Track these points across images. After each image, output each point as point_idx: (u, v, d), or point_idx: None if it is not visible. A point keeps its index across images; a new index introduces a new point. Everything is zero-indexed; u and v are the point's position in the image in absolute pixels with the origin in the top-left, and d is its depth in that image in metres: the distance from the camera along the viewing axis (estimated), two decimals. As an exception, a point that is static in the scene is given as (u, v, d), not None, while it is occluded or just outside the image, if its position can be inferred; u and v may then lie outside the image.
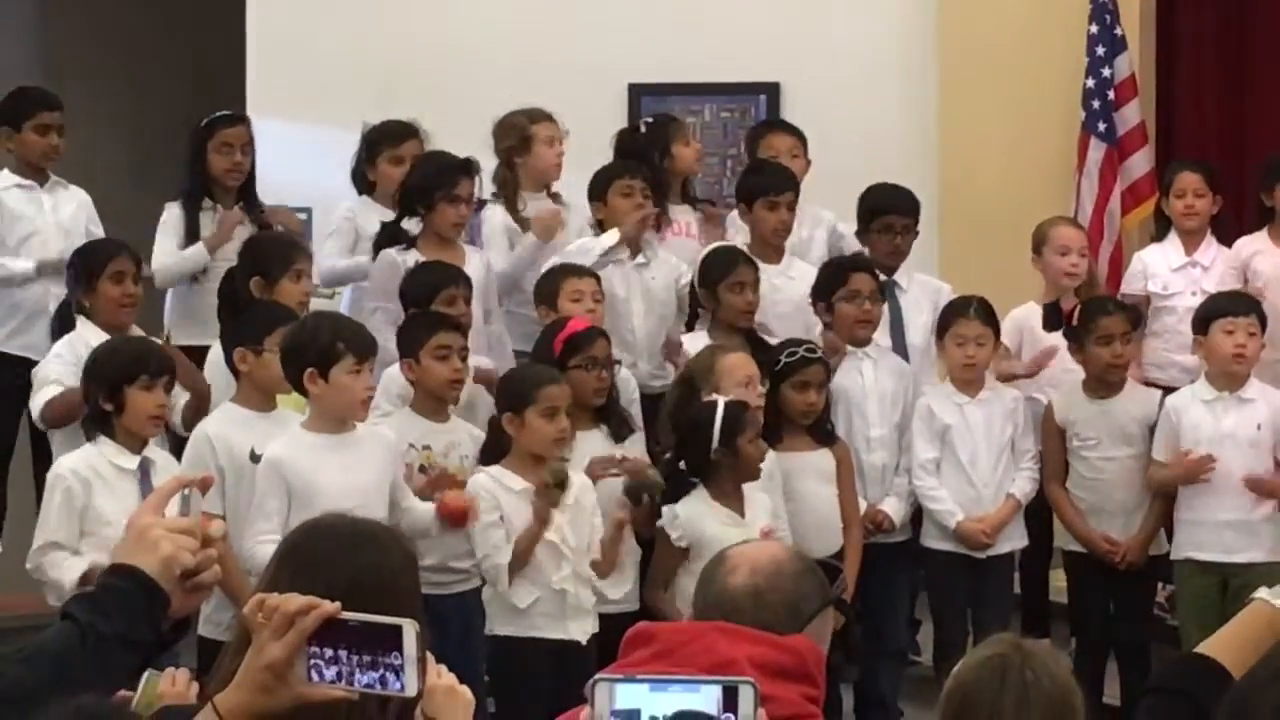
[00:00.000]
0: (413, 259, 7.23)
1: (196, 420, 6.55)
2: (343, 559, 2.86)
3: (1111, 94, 9.06)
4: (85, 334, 6.91)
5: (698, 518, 6.59)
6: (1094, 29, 9.05)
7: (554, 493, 6.27)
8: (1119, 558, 7.30)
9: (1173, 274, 8.18)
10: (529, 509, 6.31)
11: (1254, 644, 2.78)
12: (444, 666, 3.07)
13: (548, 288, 7.27)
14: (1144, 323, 8.00)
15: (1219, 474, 7.16)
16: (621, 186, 7.67)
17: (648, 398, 7.30)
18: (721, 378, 6.77)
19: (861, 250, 7.85)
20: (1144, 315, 8.04)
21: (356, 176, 8.04)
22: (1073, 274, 7.92)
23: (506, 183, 7.98)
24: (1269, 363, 7.43)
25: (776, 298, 7.62)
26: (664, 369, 7.58)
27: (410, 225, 7.43)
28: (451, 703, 3.03)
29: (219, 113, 8.03)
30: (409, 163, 7.76)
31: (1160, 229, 8.39)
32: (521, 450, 6.41)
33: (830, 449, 7.13)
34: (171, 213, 7.87)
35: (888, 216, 7.84)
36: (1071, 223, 8.42)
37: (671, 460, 6.76)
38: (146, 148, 9.61)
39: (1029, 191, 9.04)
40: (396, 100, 8.79)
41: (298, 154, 9.23)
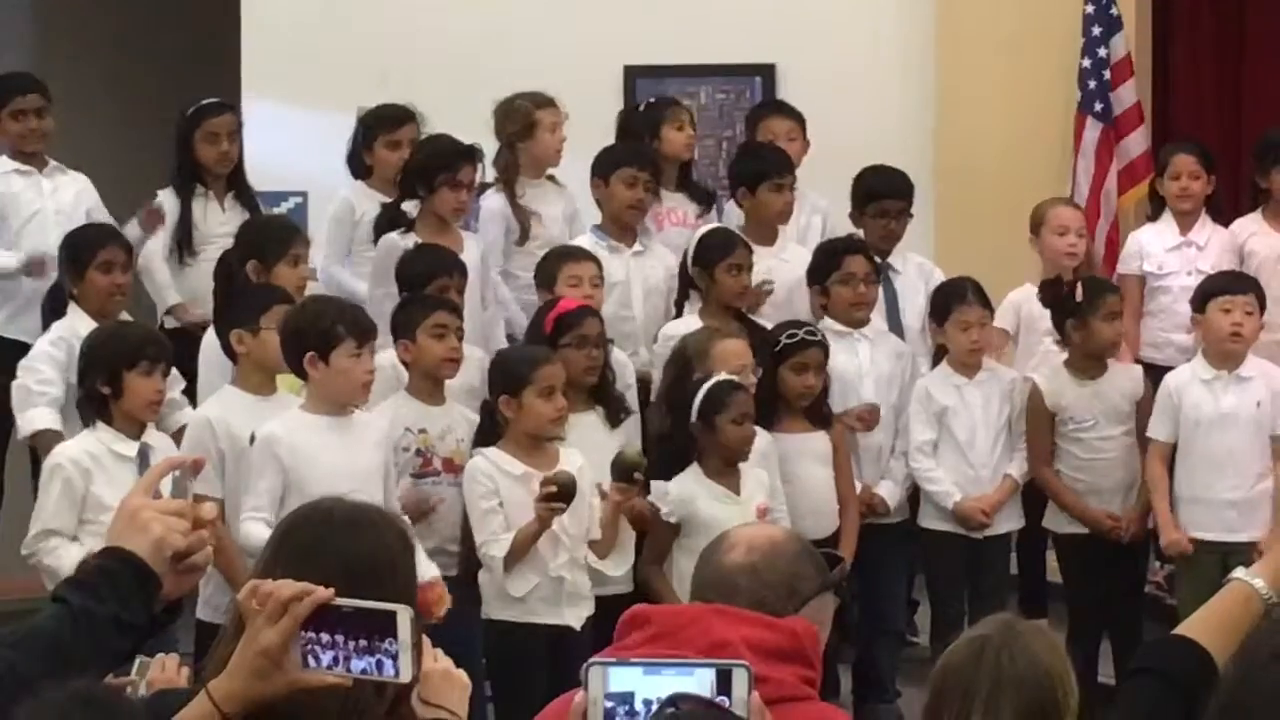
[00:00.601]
0: (412, 242, 7.22)
1: None
2: (338, 544, 2.86)
3: (1108, 74, 9.04)
4: (75, 324, 6.85)
5: (689, 494, 6.59)
6: (1090, 9, 9.02)
7: (559, 506, 6.20)
8: (1123, 532, 7.31)
9: (1168, 254, 8.18)
10: (527, 493, 6.28)
11: (1233, 623, 2.78)
12: (440, 650, 3.07)
13: (546, 272, 7.27)
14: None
15: (1221, 452, 7.17)
16: (627, 175, 7.65)
17: (645, 384, 7.29)
18: (716, 362, 6.76)
19: (855, 232, 7.86)
20: (1140, 295, 8.06)
21: (353, 161, 8.01)
22: (1072, 254, 7.93)
23: (508, 166, 7.96)
24: (1265, 344, 7.42)
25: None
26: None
27: (409, 208, 7.42)
28: (448, 686, 3.02)
29: (205, 100, 8.00)
30: (406, 147, 7.74)
31: (1155, 209, 8.40)
32: (518, 432, 6.40)
33: (827, 431, 7.13)
34: (165, 201, 7.85)
35: (882, 201, 7.84)
36: (1069, 203, 8.43)
37: (664, 437, 6.76)
38: (141, 133, 9.59)
39: (1026, 172, 9.02)
40: (392, 84, 8.77)
41: (294, 138, 9.22)
